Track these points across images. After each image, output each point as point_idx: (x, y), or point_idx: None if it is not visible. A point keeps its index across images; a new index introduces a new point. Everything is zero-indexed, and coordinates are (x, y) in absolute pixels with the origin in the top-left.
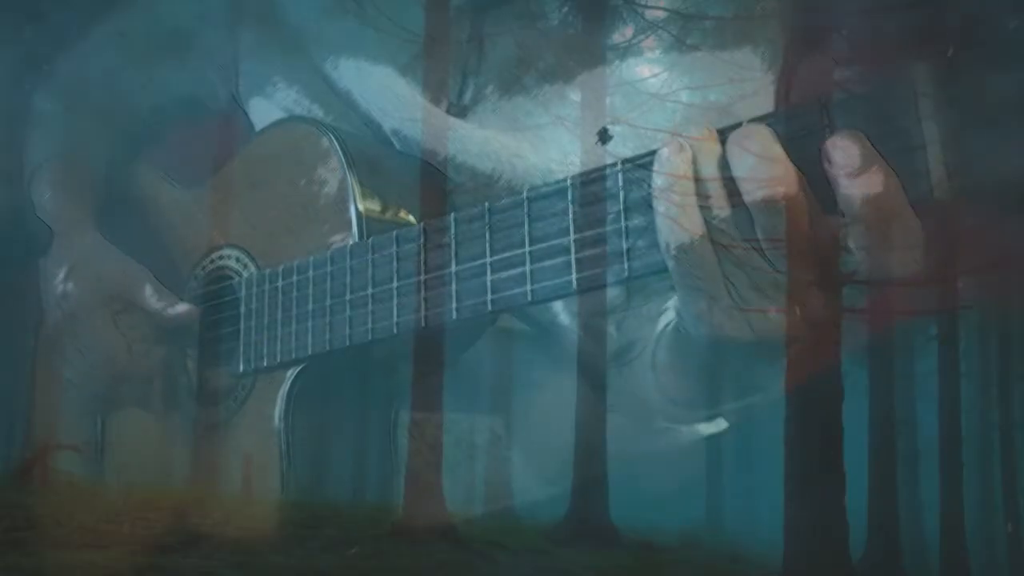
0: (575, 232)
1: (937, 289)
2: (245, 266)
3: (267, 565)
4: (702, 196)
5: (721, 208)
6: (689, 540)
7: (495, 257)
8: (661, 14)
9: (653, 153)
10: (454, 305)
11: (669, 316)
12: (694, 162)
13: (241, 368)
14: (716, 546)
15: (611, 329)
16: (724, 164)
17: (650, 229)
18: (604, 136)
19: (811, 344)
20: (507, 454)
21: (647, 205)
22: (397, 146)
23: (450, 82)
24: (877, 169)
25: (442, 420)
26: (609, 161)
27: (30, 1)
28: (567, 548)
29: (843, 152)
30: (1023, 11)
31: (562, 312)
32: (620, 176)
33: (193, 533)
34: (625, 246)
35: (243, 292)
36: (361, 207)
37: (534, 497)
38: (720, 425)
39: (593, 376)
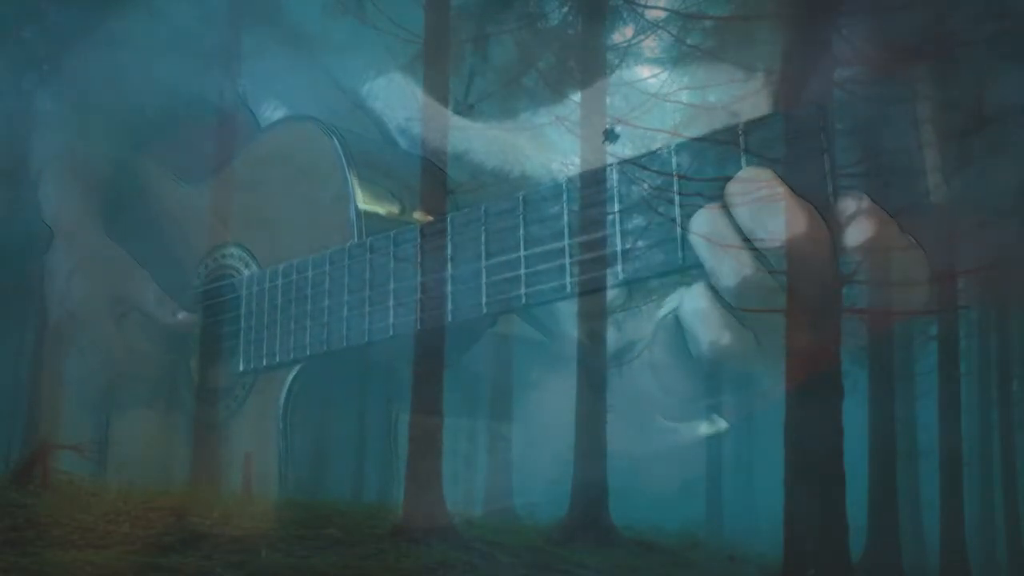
0: (570, 235)
1: (937, 289)
2: (247, 264)
3: (267, 564)
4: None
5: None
6: (689, 540)
7: (490, 261)
8: (661, 14)
9: (651, 154)
10: (449, 308)
11: (661, 313)
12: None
13: (241, 367)
14: (716, 546)
15: (612, 329)
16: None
17: (648, 230)
18: (610, 136)
19: (813, 347)
20: (507, 455)
21: (644, 206)
22: (403, 145)
23: (456, 81)
24: (872, 218)
25: (442, 421)
26: (612, 160)
27: (30, 1)
28: (567, 548)
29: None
30: (1009, 16)
31: (563, 313)
32: (616, 177)
33: (193, 533)
34: (622, 248)
35: (244, 291)
36: (361, 207)
37: (534, 497)
38: (720, 425)
39: (593, 377)
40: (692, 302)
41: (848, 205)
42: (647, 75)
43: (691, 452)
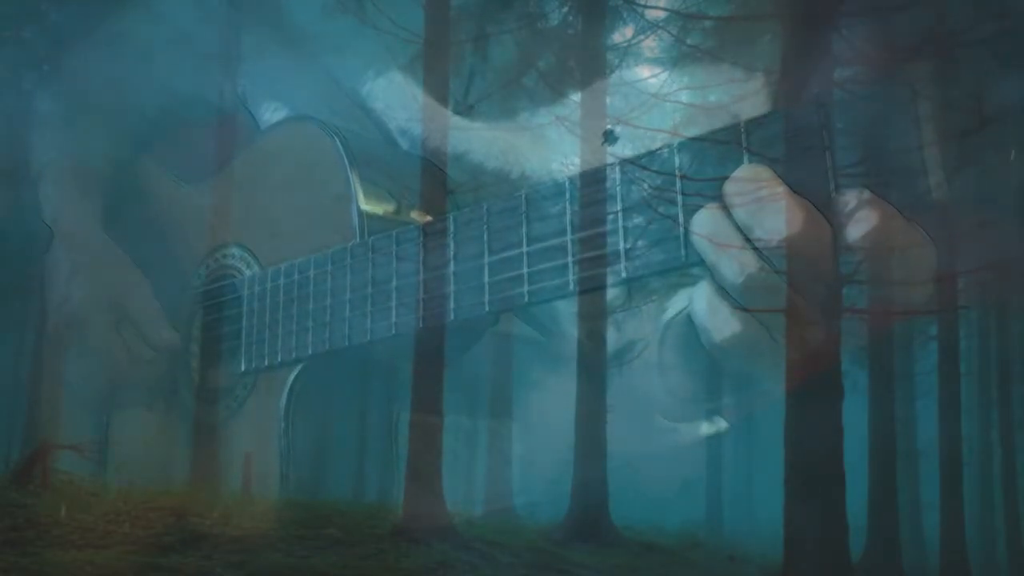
0: (573, 233)
1: (937, 289)
2: (248, 264)
3: (267, 564)
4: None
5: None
6: (689, 540)
7: (493, 258)
8: (661, 14)
9: (651, 154)
10: (452, 306)
11: (669, 315)
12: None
13: (243, 367)
14: (716, 546)
15: (612, 329)
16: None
17: (649, 229)
18: (609, 137)
19: (813, 346)
20: (507, 455)
21: (646, 205)
22: (403, 145)
23: (456, 81)
24: (875, 211)
25: (442, 420)
26: (613, 160)
27: (30, 1)
28: (567, 548)
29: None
30: (1009, 16)
31: (563, 313)
32: (618, 176)
33: (193, 533)
34: (624, 246)
35: (245, 291)
36: (363, 207)
37: (534, 497)
38: (721, 425)
39: (593, 377)
40: (703, 301)
41: (850, 200)
42: (647, 75)
43: (691, 452)
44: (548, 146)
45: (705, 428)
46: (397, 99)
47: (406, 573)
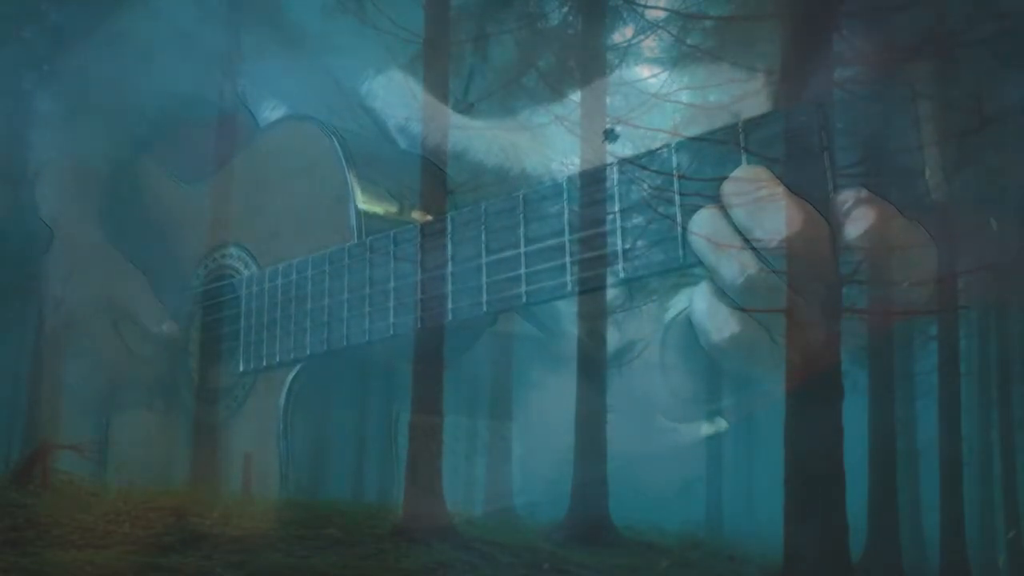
0: (571, 233)
1: (937, 289)
2: (247, 265)
3: (267, 564)
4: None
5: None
6: (689, 540)
7: (491, 258)
8: (661, 14)
9: (650, 153)
10: (449, 306)
11: (671, 315)
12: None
13: (241, 368)
14: (716, 546)
15: (612, 329)
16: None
17: (648, 229)
18: (610, 136)
19: (813, 346)
20: (507, 454)
21: (645, 205)
22: (402, 144)
23: (456, 81)
24: (875, 208)
25: (442, 420)
26: (612, 160)
27: (30, 1)
28: (567, 548)
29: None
30: (1009, 17)
31: (564, 313)
32: (617, 176)
33: (193, 533)
34: (622, 247)
35: (243, 291)
36: (361, 207)
37: (534, 497)
38: (721, 425)
39: (593, 377)
40: (703, 301)
41: (849, 200)
42: (647, 75)
43: (691, 452)
44: (548, 145)
45: (705, 428)
46: (397, 98)
47: (406, 573)
